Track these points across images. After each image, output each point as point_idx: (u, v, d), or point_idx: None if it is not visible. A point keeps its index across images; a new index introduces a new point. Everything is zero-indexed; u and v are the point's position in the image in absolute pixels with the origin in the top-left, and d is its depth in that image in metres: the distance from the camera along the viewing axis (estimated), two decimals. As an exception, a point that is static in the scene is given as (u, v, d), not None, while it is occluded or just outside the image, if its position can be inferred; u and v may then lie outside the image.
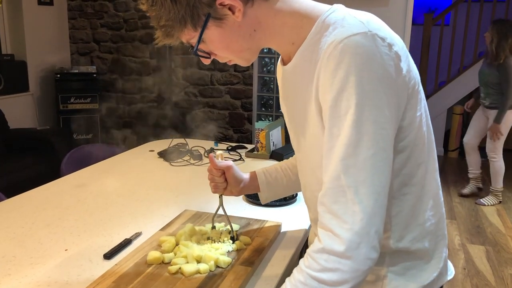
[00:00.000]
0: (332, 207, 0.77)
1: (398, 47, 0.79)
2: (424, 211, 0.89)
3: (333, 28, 0.80)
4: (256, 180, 1.27)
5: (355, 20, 0.79)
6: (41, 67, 4.78)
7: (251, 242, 1.20)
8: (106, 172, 1.95)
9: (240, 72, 4.71)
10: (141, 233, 1.31)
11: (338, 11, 0.84)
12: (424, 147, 0.88)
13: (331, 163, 0.78)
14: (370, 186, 0.75)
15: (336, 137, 0.77)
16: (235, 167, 1.24)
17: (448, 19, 5.83)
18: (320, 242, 0.78)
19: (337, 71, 0.76)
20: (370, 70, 0.75)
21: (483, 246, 3.30)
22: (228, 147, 2.31)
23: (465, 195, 4.28)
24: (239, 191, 1.27)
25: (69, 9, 5.08)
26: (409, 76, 0.81)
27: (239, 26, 0.86)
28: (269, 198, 1.31)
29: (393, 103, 0.78)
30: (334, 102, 0.77)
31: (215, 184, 1.24)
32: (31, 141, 3.93)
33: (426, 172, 0.89)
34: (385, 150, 0.77)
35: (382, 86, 0.76)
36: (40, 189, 1.70)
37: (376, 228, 0.76)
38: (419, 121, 0.85)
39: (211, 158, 1.21)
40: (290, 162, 1.29)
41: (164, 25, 0.87)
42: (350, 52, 0.75)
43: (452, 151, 5.65)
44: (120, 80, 5.13)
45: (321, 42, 0.82)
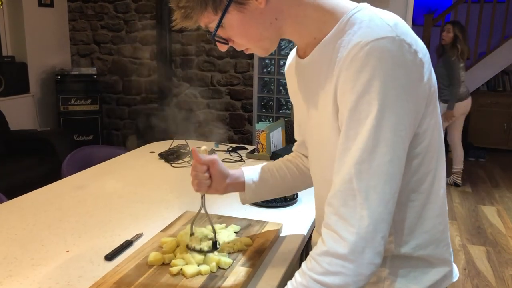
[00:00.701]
0: (340, 209, 0.77)
1: (422, 54, 0.79)
2: (430, 219, 0.88)
3: (358, 28, 0.78)
4: (242, 178, 1.19)
5: (382, 22, 0.77)
6: (42, 69, 4.79)
7: (252, 243, 1.20)
8: (107, 173, 1.95)
9: (241, 73, 4.72)
10: (142, 234, 1.31)
11: (364, 10, 0.82)
12: (435, 154, 0.87)
13: (344, 165, 0.77)
14: (380, 192, 0.75)
15: (352, 140, 0.76)
16: (220, 162, 1.15)
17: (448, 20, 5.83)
18: (324, 244, 0.78)
19: (361, 73, 0.75)
20: (395, 76, 0.74)
21: (484, 246, 3.30)
22: (228, 148, 2.31)
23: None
24: (224, 188, 1.17)
25: (70, 10, 5.09)
26: (429, 84, 0.81)
27: (261, 13, 0.85)
28: (251, 199, 1.22)
29: (412, 111, 0.77)
30: (354, 104, 0.76)
31: (198, 182, 1.13)
32: (32, 143, 3.93)
33: (434, 179, 0.88)
34: (400, 158, 0.77)
35: (405, 94, 0.75)
36: (41, 191, 1.70)
37: (383, 234, 0.76)
38: (433, 128, 0.85)
39: (195, 152, 1.11)
40: (277, 164, 1.24)
41: (184, 6, 0.85)
42: (376, 56, 0.74)
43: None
44: (121, 81, 5.14)
45: (344, 41, 0.80)
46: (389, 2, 4.12)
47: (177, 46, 4.81)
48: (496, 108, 5.83)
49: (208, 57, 4.76)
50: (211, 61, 4.77)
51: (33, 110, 4.72)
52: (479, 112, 5.90)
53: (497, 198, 4.26)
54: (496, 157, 5.65)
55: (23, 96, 4.57)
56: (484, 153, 5.59)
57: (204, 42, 4.74)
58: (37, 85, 4.76)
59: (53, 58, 4.95)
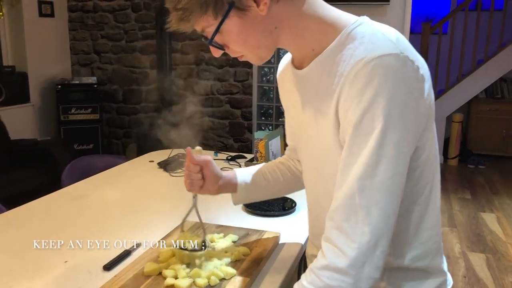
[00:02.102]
0: (342, 224, 0.77)
1: (424, 70, 0.79)
2: (427, 230, 0.89)
3: (360, 43, 0.79)
4: (235, 180, 1.20)
5: (385, 38, 0.78)
6: (42, 78, 4.82)
7: (250, 253, 1.20)
8: (106, 183, 1.96)
9: (240, 82, 4.74)
10: (141, 244, 1.31)
11: (365, 24, 0.83)
12: (432, 166, 0.88)
13: (347, 180, 0.78)
14: (382, 208, 0.76)
15: (355, 156, 0.77)
16: (213, 163, 1.16)
17: (446, 28, 5.87)
18: (324, 258, 0.79)
19: (365, 90, 0.75)
20: (399, 93, 0.75)
21: (484, 254, 3.29)
22: (228, 157, 2.32)
23: None
24: (217, 189, 1.18)
25: (70, 20, 5.13)
26: (430, 98, 0.82)
27: (261, 20, 0.84)
28: (242, 200, 1.25)
29: (414, 127, 0.78)
30: (359, 120, 0.76)
31: (191, 181, 1.14)
32: (32, 152, 3.94)
33: (432, 190, 0.89)
34: (402, 174, 0.78)
35: (408, 110, 0.76)
36: (40, 201, 1.71)
37: (382, 249, 0.77)
38: (431, 140, 0.86)
39: (189, 152, 1.12)
40: (270, 166, 1.25)
41: (182, 8, 0.83)
42: (381, 72, 0.74)
43: (451, 158, 5.66)
44: (121, 90, 5.16)
45: (344, 55, 0.80)
46: (387, 11, 4.15)
47: (177, 55, 4.83)
48: (495, 115, 5.85)
49: (208, 66, 4.79)
50: (211, 70, 4.79)
51: (34, 119, 4.74)
52: (478, 119, 5.91)
53: (497, 205, 4.26)
54: (496, 164, 5.65)
55: (24, 105, 4.59)
56: (484, 160, 5.59)
57: (204, 51, 4.77)
58: (38, 95, 4.78)
59: (54, 68, 4.97)
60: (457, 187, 4.81)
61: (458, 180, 5.06)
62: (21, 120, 4.58)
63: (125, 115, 5.21)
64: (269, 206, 1.59)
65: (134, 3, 4.91)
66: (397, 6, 4.15)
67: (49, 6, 4.81)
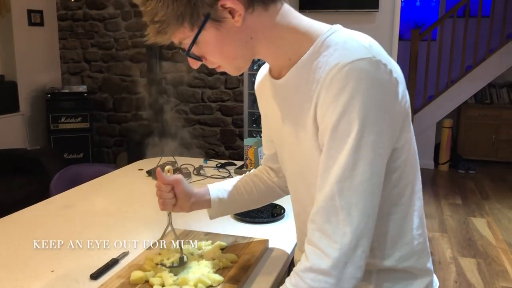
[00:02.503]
0: (323, 226, 0.79)
1: (397, 73, 0.82)
2: (411, 230, 0.91)
3: (334, 50, 0.81)
4: (208, 195, 1.22)
5: (358, 44, 0.80)
6: (32, 87, 4.79)
7: (238, 260, 1.20)
8: (95, 191, 1.95)
9: (231, 89, 4.75)
10: (128, 253, 1.31)
11: (338, 32, 0.85)
12: (412, 167, 0.90)
13: (327, 183, 0.80)
14: (362, 208, 0.78)
15: (333, 159, 0.79)
16: (184, 181, 1.18)
17: (434, 34, 5.93)
18: (307, 260, 0.80)
19: (340, 94, 0.77)
20: (373, 96, 0.77)
21: (474, 258, 3.31)
22: (217, 164, 2.32)
23: None
24: (189, 207, 1.20)
25: (60, 29, 5.11)
26: (404, 100, 0.83)
27: (237, 31, 0.86)
28: (218, 214, 1.26)
29: (390, 129, 0.80)
30: (335, 124, 0.78)
31: (163, 201, 1.16)
32: (21, 162, 3.90)
33: (413, 191, 0.91)
34: (379, 175, 0.80)
35: (383, 112, 0.78)
36: (28, 210, 1.69)
37: (363, 249, 0.78)
38: (409, 142, 0.88)
39: (159, 173, 1.14)
40: (243, 180, 1.27)
41: (159, 20, 0.83)
42: (355, 77, 0.76)
43: (442, 164, 5.69)
44: (111, 99, 5.15)
45: (320, 62, 0.83)
46: (376, 18, 4.18)
47: (167, 63, 4.83)
48: (484, 120, 5.90)
49: (198, 73, 4.79)
50: (202, 78, 4.80)
51: (23, 128, 4.71)
52: (467, 125, 5.96)
53: (487, 210, 4.28)
54: (486, 169, 5.69)
55: (13, 115, 4.55)
56: (474, 165, 5.63)
57: (194, 59, 4.76)
58: (27, 104, 4.75)
59: (43, 77, 4.95)
60: (447, 192, 4.84)
61: (448, 185, 5.09)
62: (11, 129, 4.54)
63: (115, 123, 5.19)
64: (258, 212, 1.58)
65: (124, 11, 4.91)
66: (386, 13, 4.18)
67: (38, 15, 4.80)
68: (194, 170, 2.20)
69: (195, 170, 2.20)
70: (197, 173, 2.17)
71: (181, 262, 1.14)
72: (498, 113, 5.86)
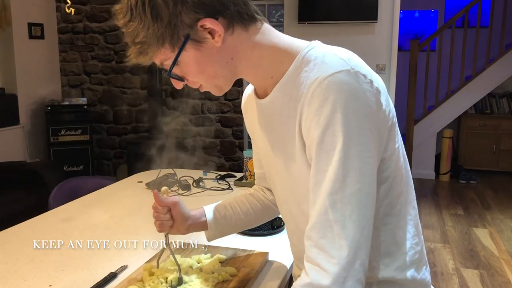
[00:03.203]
0: (319, 241, 0.78)
1: (378, 83, 0.82)
2: (407, 240, 0.90)
3: (314, 64, 0.82)
4: (204, 217, 1.21)
5: (336, 58, 0.80)
6: (32, 100, 4.80)
7: (237, 273, 1.18)
8: (94, 204, 1.94)
9: (231, 101, 4.75)
10: (127, 266, 1.29)
11: (317, 47, 0.86)
12: (403, 177, 0.90)
13: (319, 197, 0.79)
14: (356, 220, 0.77)
15: (323, 173, 0.79)
16: (182, 203, 1.17)
17: (433, 44, 5.95)
18: (307, 276, 0.79)
19: (322, 108, 0.77)
20: (355, 107, 0.77)
21: (477, 270, 3.28)
22: (216, 176, 2.31)
23: None
24: (186, 229, 1.18)
25: (60, 42, 5.14)
26: (388, 110, 0.84)
27: (217, 52, 0.86)
28: (216, 236, 1.24)
29: (376, 138, 0.80)
30: (320, 138, 0.78)
31: (160, 223, 1.15)
32: (21, 174, 3.89)
33: (406, 201, 0.90)
34: (370, 184, 0.79)
35: (367, 122, 0.78)
36: (26, 224, 1.68)
37: (361, 261, 0.77)
38: (397, 151, 0.87)
39: (156, 195, 1.12)
40: (239, 199, 1.26)
41: (140, 41, 0.84)
42: (335, 89, 0.76)
43: (443, 174, 5.68)
44: (111, 111, 5.15)
45: (302, 78, 0.83)
46: (375, 29, 4.20)
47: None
48: (485, 130, 5.90)
49: (198, 85, 4.80)
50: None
51: (23, 141, 4.71)
52: (468, 135, 5.95)
53: (489, 220, 4.26)
54: (487, 179, 5.68)
55: (13, 127, 4.56)
56: (475, 175, 5.61)
57: (194, 71, 4.78)
58: (27, 117, 4.76)
59: (44, 89, 4.96)
60: (449, 202, 4.82)
61: (450, 196, 5.07)
62: (11, 142, 4.54)
63: (115, 135, 5.19)
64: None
65: (125, 24, 4.93)
66: (385, 23, 4.20)
67: (39, 28, 4.83)
68: (194, 182, 2.19)
69: (194, 182, 2.19)
70: (197, 185, 2.16)
71: (180, 282, 1.12)
72: (498, 123, 5.86)
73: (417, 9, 6.43)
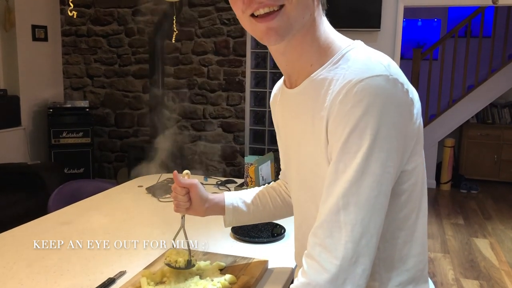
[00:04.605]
0: (325, 240, 0.77)
1: (413, 95, 0.81)
2: (413, 257, 0.89)
3: (353, 64, 0.81)
4: (222, 202, 1.24)
5: (376, 61, 0.80)
6: (34, 102, 4.80)
7: (237, 281, 1.18)
8: (93, 208, 1.93)
9: (233, 106, 4.75)
10: (126, 272, 1.28)
11: (359, 48, 0.86)
12: (420, 192, 0.88)
13: (332, 196, 0.78)
14: (366, 226, 0.76)
15: (341, 173, 0.77)
16: (200, 186, 1.20)
17: (436, 54, 5.96)
18: (305, 275, 0.78)
19: (354, 108, 0.76)
20: (387, 114, 0.76)
21: (477, 280, 3.26)
22: (217, 182, 2.30)
23: None
24: (204, 211, 1.22)
25: (63, 44, 5.15)
26: (418, 122, 0.83)
27: (312, 3, 0.87)
28: (232, 223, 1.27)
29: (401, 149, 0.79)
30: (346, 138, 0.77)
31: (177, 203, 1.20)
32: (22, 176, 3.89)
33: (418, 217, 0.89)
34: (386, 194, 0.78)
35: (395, 131, 0.77)
36: (24, 227, 1.67)
37: (364, 267, 0.76)
38: (420, 166, 0.86)
39: (175, 175, 1.17)
40: (260, 191, 1.28)
41: None
42: (371, 92, 0.75)
43: (444, 183, 5.66)
44: (113, 114, 5.15)
45: (337, 74, 0.82)
46: (378, 36, 4.20)
47: (170, 79, 4.85)
48: (486, 140, 5.88)
49: (200, 90, 4.81)
50: (203, 94, 4.81)
51: (24, 143, 4.70)
52: (469, 144, 5.94)
53: (490, 231, 4.24)
54: (488, 189, 5.66)
55: (15, 129, 4.56)
56: (476, 185, 5.60)
57: (197, 75, 4.79)
58: (29, 118, 4.76)
59: (46, 92, 4.97)
60: (449, 212, 4.80)
61: (450, 205, 5.05)
62: (12, 143, 4.54)
63: (117, 139, 5.19)
64: (258, 232, 1.56)
65: (128, 28, 4.95)
66: (388, 32, 4.20)
67: (42, 31, 4.84)
68: (194, 188, 2.18)
69: (195, 188, 2.18)
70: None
71: (188, 265, 1.16)
72: (500, 133, 5.85)
73: (420, 18, 6.44)
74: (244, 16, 0.86)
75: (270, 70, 4.49)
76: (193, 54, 4.77)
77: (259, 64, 4.64)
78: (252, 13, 0.85)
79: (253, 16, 0.85)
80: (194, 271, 1.21)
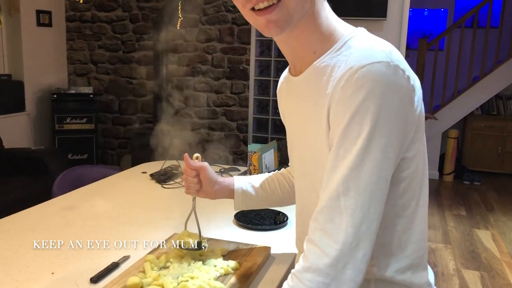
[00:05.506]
0: (326, 225, 0.78)
1: (414, 82, 0.81)
2: (412, 243, 0.90)
3: (354, 51, 0.82)
4: (232, 186, 1.27)
5: (378, 48, 0.80)
6: (38, 87, 4.81)
7: (239, 267, 1.18)
8: (97, 194, 1.94)
9: (236, 94, 4.74)
10: (129, 257, 1.29)
11: (361, 35, 0.86)
12: (420, 180, 0.89)
13: (333, 182, 0.78)
14: (366, 211, 0.76)
15: (342, 158, 0.78)
16: (209, 168, 1.23)
17: (442, 44, 5.91)
18: (306, 259, 0.79)
19: (355, 94, 0.77)
20: (388, 100, 0.76)
21: (478, 271, 3.27)
22: (221, 169, 2.31)
23: None
24: (214, 194, 1.25)
25: (68, 30, 5.14)
26: (418, 110, 0.83)
27: None
28: (241, 207, 1.30)
29: (401, 135, 0.79)
30: (346, 124, 0.78)
31: (188, 185, 1.23)
32: (25, 161, 3.91)
33: (418, 204, 0.89)
34: (386, 179, 0.78)
35: (396, 117, 0.77)
36: (29, 211, 1.69)
37: (364, 252, 0.77)
38: (420, 153, 0.87)
39: (186, 158, 1.20)
40: (269, 177, 1.30)
41: None
42: (371, 78, 0.76)
43: (447, 174, 5.66)
44: (117, 101, 5.15)
45: (339, 61, 0.83)
46: (384, 26, 4.17)
47: (174, 66, 4.84)
48: (490, 131, 5.87)
49: (204, 78, 4.80)
50: (207, 82, 4.80)
51: (28, 128, 4.72)
52: (473, 136, 5.93)
53: (492, 222, 4.25)
54: (491, 180, 5.66)
55: (19, 114, 4.57)
56: (479, 177, 5.60)
57: (201, 63, 4.78)
58: (33, 104, 4.77)
59: (50, 77, 4.97)
60: (452, 203, 4.81)
61: (453, 197, 5.06)
62: (16, 128, 4.56)
63: (120, 125, 5.19)
64: (261, 219, 1.57)
65: (132, 14, 4.93)
66: (394, 21, 4.17)
67: (47, 16, 4.82)
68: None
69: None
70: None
71: (199, 247, 1.18)
72: (504, 124, 5.83)
73: (426, 7, 6.38)
74: (245, 9, 0.88)
75: (275, 59, 4.47)
76: (197, 42, 4.75)
77: (263, 52, 4.62)
78: (252, 7, 0.86)
79: (253, 10, 0.86)
80: (197, 257, 1.22)
